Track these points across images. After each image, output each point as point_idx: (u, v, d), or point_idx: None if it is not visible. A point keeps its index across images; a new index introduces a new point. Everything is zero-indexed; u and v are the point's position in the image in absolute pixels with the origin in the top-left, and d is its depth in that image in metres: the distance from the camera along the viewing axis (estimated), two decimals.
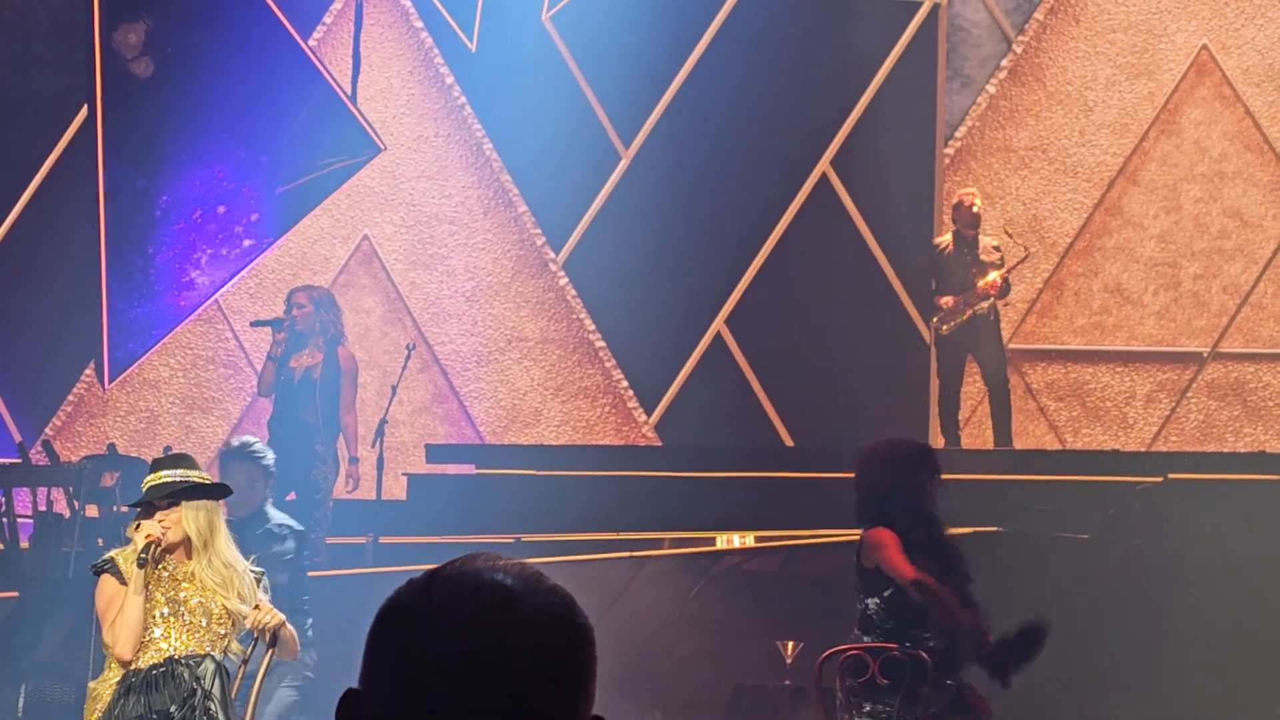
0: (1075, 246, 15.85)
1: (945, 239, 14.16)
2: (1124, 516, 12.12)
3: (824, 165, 15.83)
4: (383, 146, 15.19)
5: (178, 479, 7.50)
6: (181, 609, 7.49)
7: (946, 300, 13.93)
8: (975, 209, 14.05)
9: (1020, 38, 16.03)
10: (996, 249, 14.00)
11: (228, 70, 14.79)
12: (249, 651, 7.71)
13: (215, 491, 7.64)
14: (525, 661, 1.98)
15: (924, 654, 7.95)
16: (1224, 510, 11.82)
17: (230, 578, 7.53)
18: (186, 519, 7.49)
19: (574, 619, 2.02)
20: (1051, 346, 15.81)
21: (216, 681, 7.30)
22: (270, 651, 7.63)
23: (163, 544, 7.45)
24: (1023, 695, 8.12)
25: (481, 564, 2.03)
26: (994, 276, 13.85)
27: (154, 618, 7.47)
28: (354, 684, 2.04)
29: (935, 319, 14.22)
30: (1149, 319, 15.87)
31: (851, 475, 8.10)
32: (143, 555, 7.37)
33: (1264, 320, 15.80)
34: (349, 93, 15.22)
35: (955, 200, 14.30)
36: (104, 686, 7.45)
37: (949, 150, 15.95)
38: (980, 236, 14.06)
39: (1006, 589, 10.66)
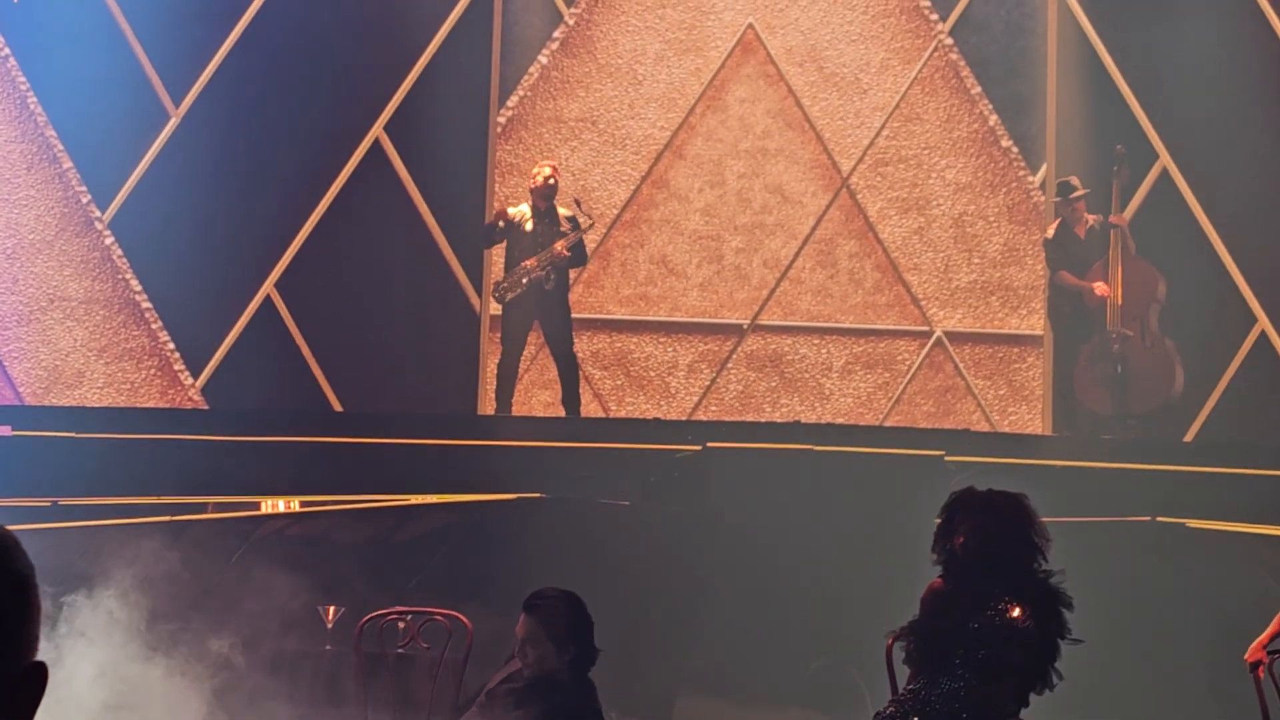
0: (622, 218, 16.11)
1: (521, 209, 14.23)
2: (664, 483, 12.36)
3: (377, 130, 15.79)
4: None
5: None
6: None
7: (525, 262, 14.03)
8: (549, 181, 14.17)
9: (572, 10, 16.20)
10: (570, 220, 14.15)
11: None
12: None
13: None
14: None
15: (462, 618, 8.00)
16: (760, 477, 12.13)
17: None
18: None
19: (10, 560, 2.00)
20: (597, 316, 16.04)
21: None
22: None
23: None
24: None
25: None
26: (556, 247, 13.99)
27: None
28: None
29: (495, 287, 14.32)
30: (692, 290, 16.20)
31: None
32: None
33: (802, 294, 16.26)
34: None
35: (533, 170, 14.40)
36: None
37: (501, 119, 16.04)
38: (556, 207, 14.17)
39: (549, 554, 10.81)
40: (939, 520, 6.49)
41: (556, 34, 16.19)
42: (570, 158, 15.99)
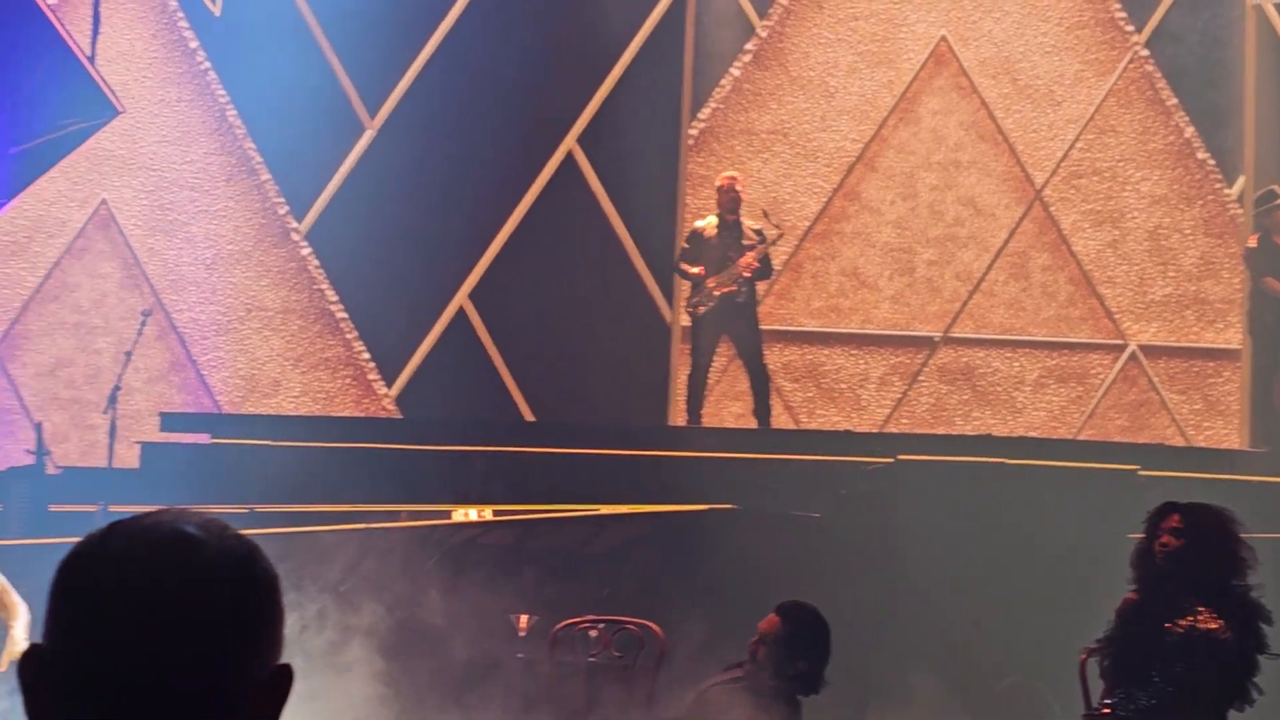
0: (814, 230, 16.07)
1: (708, 222, 14.26)
2: (855, 496, 12.32)
3: (570, 143, 15.88)
4: (121, 109, 14.92)
5: None
6: None
7: (708, 281, 14.06)
8: (736, 193, 14.19)
9: (765, 22, 16.20)
10: (757, 232, 14.14)
11: None
12: None
13: None
14: (203, 604, 2.00)
15: (654, 627, 8.03)
16: (951, 491, 12.06)
17: None
18: None
19: (255, 565, 2.05)
20: (789, 328, 16.01)
21: None
22: None
23: None
24: None
25: (163, 515, 2.05)
26: (747, 259, 13.99)
27: None
28: None
29: (688, 300, 14.35)
30: (884, 303, 16.13)
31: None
32: None
33: (994, 307, 16.14)
34: (88, 53, 14.94)
35: (717, 184, 14.42)
36: None
37: (693, 131, 16.07)
38: (741, 220, 14.18)
39: (740, 565, 10.82)
40: (1141, 535, 6.42)
41: (749, 46, 16.19)
42: (762, 170, 15.98)
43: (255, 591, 2.04)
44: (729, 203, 14.18)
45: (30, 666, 2.04)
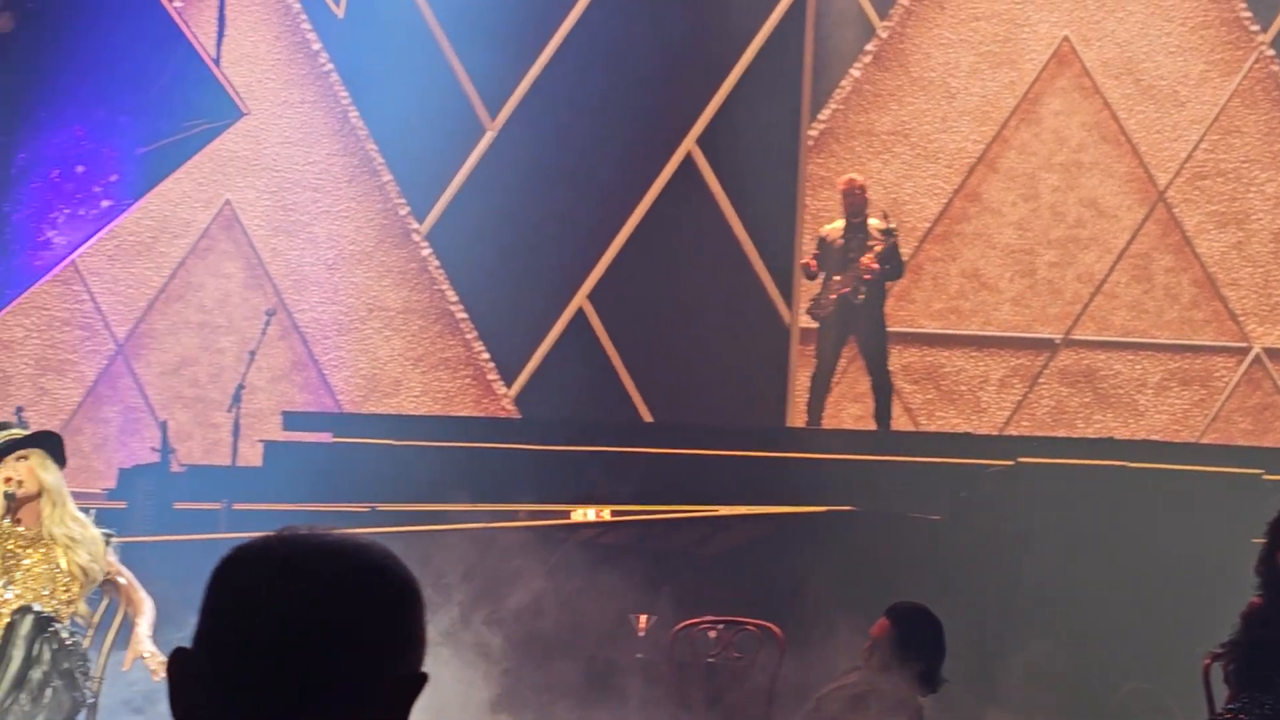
0: (934, 231, 16.01)
1: (835, 225, 14.21)
2: (975, 498, 12.26)
3: (689, 144, 15.89)
4: (246, 110, 15.07)
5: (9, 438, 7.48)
6: (24, 578, 7.43)
7: (834, 281, 14.03)
8: (857, 194, 14.15)
9: (885, 23, 16.15)
10: (884, 233, 14.07)
11: (90, 28, 14.63)
12: (97, 616, 7.67)
13: (43, 440, 7.60)
14: (351, 613, 2.05)
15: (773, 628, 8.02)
16: (1072, 494, 11.98)
17: (82, 535, 7.49)
18: (41, 472, 7.44)
19: (400, 574, 2.10)
20: (908, 330, 15.95)
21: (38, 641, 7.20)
22: (121, 613, 7.60)
23: (20, 491, 7.38)
24: None
25: (316, 529, 2.12)
26: (866, 259, 13.94)
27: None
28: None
29: (811, 303, 14.33)
30: (1004, 305, 16.05)
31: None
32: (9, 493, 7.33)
33: (1116, 309, 16.03)
34: (213, 55, 15.10)
35: (840, 187, 14.39)
36: None
37: (813, 133, 16.04)
38: (867, 222, 14.12)
39: (859, 567, 10.80)
40: (1263, 539, 6.36)
41: (869, 47, 16.15)
42: (882, 171, 15.93)
43: (402, 603, 2.10)
44: (851, 204, 14.15)
45: (179, 666, 2.10)
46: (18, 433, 7.54)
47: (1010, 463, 12.39)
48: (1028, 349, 16.04)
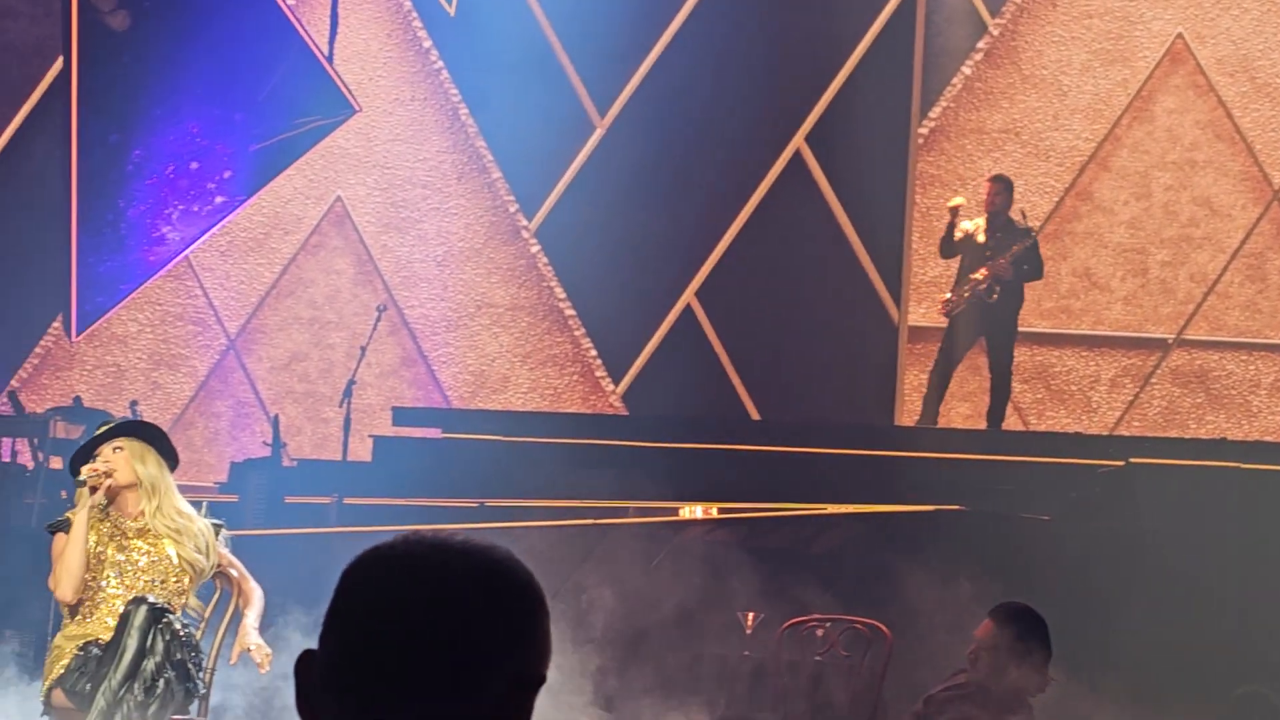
0: (1045, 230, 15.90)
1: (977, 222, 14.14)
2: (1086, 499, 12.18)
3: (798, 141, 15.86)
4: (358, 108, 15.17)
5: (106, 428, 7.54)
6: (133, 569, 7.48)
7: (970, 280, 13.97)
8: (997, 193, 14.09)
9: (997, 20, 16.06)
10: (1024, 231, 14.00)
11: (205, 26, 14.76)
12: (209, 608, 7.73)
13: (136, 428, 7.66)
14: (476, 615, 2.08)
15: (882, 627, 8.00)
16: (1185, 495, 11.88)
17: (186, 526, 7.52)
18: (138, 463, 7.47)
19: (524, 577, 2.13)
20: (1019, 329, 15.85)
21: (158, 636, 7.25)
22: (234, 605, 7.66)
23: (110, 480, 7.42)
24: None
25: (433, 532, 2.14)
26: (999, 262, 13.86)
27: (107, 579, 7.46)
28: (315, 642, 2.12)
29: (945, 302, 14.29)
30: (1116, 304, 15.93)
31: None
32: (82, 481, 7.36)
33: (1229, 309, 15.88)
34: (326, 53, 15.20)
35: (988, 184, 14.32)
36: (66, 641, 7.45)
37: (923, 130, 15.98)
38: (1010, 219, 14.05)
39: (968, 567, 10.74)
40: None
41: (980, 44, 16.06)
42: (992, 169, 15.82)
43: (526, 607, 2.12)
44: (991, 203, 14.08)
45: (306, 668, 2.13)
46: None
47: (1122, 463, 12.30)
48: (1139, 349, 15.91)
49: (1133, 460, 12.28)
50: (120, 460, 7.44)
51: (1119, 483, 12.16)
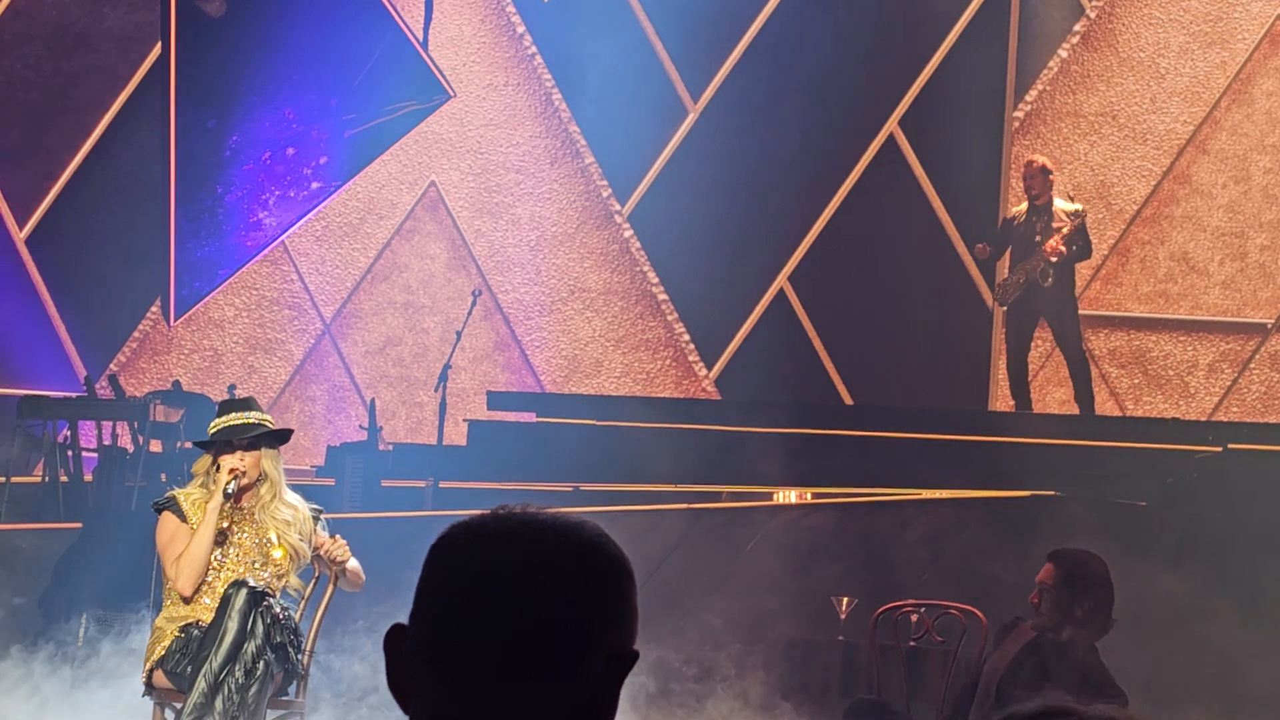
0: (1142, 214, 15.79)
1: (1021, 208, 14.04)
2: (1183, 485, 12.10)
3: (892, 125, 15.81)
4: (452, 93, 15.24)
5: (253, 421, 7.64)
6: (238, 552, 7.60)
7: (1020, 266, 13.89)
8: (1039, 174, 13.92)
9: (1094, 3, 15.95)
10: (1071, 214, 13.82)
11: (300, 12, 14.86)
12: (309, 588, 7.82)
13: (285, 436, 7.83)
14: (566, 589, 2.08)
15: (977, 612, 7.99)
16: None
17: (295, 516, 7.66)
18: (267, 462, 7.63)
19: (613, 552, 2.13)
20: (1115, 313, 15.76)
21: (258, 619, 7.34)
22: (332, 586, 7.75)
23: (243, 481, 7.57)
24: None
25: (522, 508, 2.15)
26: (1047, 246, 13.72)
27: (212, 561, 7.58)
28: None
29: (996, 288, 14.22)
30: (1214, 289, 15.80)
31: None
32: (229, 488, 7.49)
33: None
34: (420, 39, 15.27)
35: (1024, 168, 14.16)
36: (167, 623, 7.55)
37: (1018, 114, 15.89)
38: (1053, 203, 13.89)
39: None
40: None
41: (1077, 27, 15.96)
42: (1089, 153, 15.75)
43: (616, 580, 2.12)
44: (1033, 185, 13.90)
45: (396, 641, 2.14)
46: (267, 420, 7.71)
47: (1219, 449, 12.21)
48: (1238, 334, 15.78)
49: (1230, 446, 12.20)
50: (251, 461, 7.60)
51: (1216, 469, 12.08)
